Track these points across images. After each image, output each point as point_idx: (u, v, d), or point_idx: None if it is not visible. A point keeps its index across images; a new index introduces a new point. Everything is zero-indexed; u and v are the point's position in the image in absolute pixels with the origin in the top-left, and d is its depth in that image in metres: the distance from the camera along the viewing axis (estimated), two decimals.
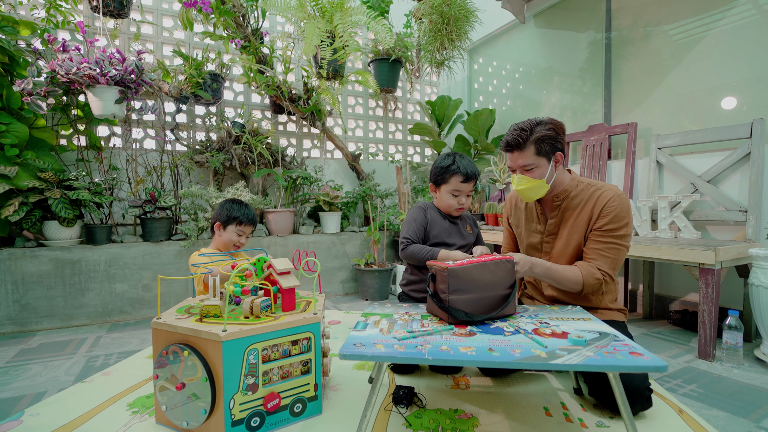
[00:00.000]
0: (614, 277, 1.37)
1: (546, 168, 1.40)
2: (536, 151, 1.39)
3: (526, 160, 1.39)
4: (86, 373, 1.65)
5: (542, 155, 1.39)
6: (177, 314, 1.27)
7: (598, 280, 1.33)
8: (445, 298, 1.18)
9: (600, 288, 1.36)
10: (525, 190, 1.44)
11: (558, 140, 1.40)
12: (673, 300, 2.43)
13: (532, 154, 1.39)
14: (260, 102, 3.42)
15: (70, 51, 2.36)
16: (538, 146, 1.38)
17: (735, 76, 2.19)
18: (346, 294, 3.20)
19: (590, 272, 1.34)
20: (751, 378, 1.57)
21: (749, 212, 1.99)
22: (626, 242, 1.38)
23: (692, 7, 2.37)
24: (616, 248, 1.36)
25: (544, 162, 1.40)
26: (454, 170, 1.54)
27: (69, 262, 2.33)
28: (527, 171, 1.41)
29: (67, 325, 2.33)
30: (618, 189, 1.40)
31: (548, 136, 1.38)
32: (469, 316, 1.16)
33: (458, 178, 1.54)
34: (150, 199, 2.57)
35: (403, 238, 1.58)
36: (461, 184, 1.54)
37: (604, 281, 1.35)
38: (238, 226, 1.78)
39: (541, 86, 3.45)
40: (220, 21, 2.72)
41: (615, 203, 1.36)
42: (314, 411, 1.25)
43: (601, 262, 1.36)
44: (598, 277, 1.34)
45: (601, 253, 1.36)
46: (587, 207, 1.41)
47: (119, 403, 1.36)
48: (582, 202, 1.43)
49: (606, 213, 1.36)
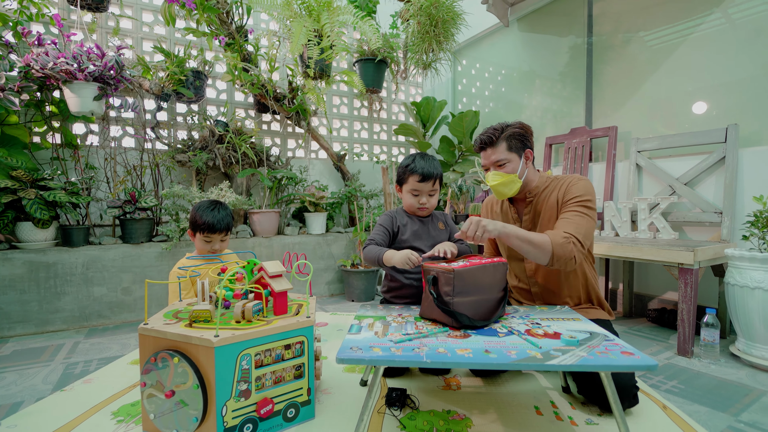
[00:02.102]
0: (583, 243, 1.35)
1: (518, 163, 1.51)
2: (508, 147, 1.50)
3: (499, 155, 1.50)
4: (65, 381, 1.59)
5: (513, 151, 1.51)
6: (165, 319, 1.24)
7: (565, 239, 1.32)
8: (449, 300, 1.18)
9: (571, 252, 1.32)
10: (498, 186, 1.52)
11: (527, 138, 1.53)
12: (652, 298, 2.51)
13: (504, 149, 1.50)
14: (244, 101, 3.36)
15: (46, 45, 2.27)
16: (509, 142, 1.51)
17: (709, 82, 2.28)
18: (331, 295, 3.18)
19: (557, 233, 1.35)
20: (728, 373, 1.64)
21: (724, 214, 2.07)
22: (591, 213, 1.42)
23: (669, 15, 2.46)
24: (579, 215, 1.40)
25: (516, 158, 1.51)
26: (411, 170, 1.55)
27: (44, 264, 2.23)
28: (500, 167, 1.51)
29: (43, 330, 2.23)
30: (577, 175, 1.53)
31: (518, 133, 1.51)
32: (471, 321, 1.17)
33: (415, 178, 1.54)
34: (130, 200, 2.49)
35: (367, 240, 1.58)
36: (419, 184, 1.55)
37: (572, 244, 1.32)
38: (203, 234, 1.67)
39: (523, 89, 3.51)
40: (204, 17, 2.66)
41: (579, 183, 1.47)
42: (307, 416, 1.24)
43: (564, 226, 1.37)
44: (565, 235, 1.33)
45: (567, 219, 1.40)
46: (554, 195, 1.51)
47: (103, 411, 1.31)
48: (549, 193, 1.52)
49: (570, 191, 1.46)
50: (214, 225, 1.66)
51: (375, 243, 1.55)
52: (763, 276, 1.64)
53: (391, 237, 1.59)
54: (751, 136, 2.10)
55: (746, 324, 1.72)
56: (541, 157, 3.27)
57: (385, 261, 1.45)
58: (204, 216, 1.66)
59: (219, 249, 1.73)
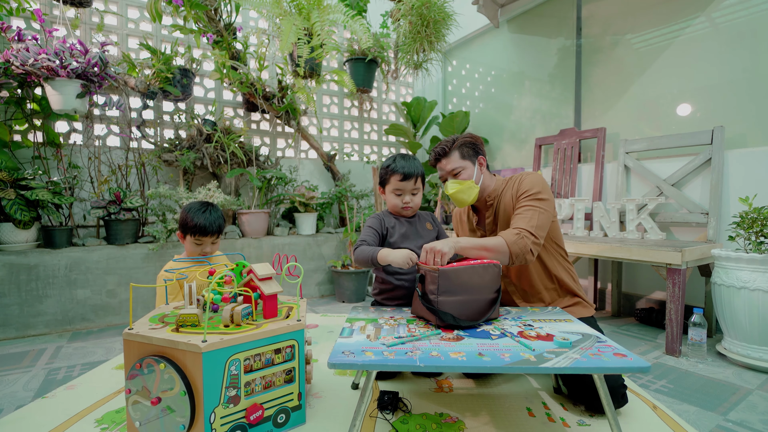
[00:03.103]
0: (536, 234, 1.38)
1: (472, 170, 1.56)
2: (461, 155, 1.57)
3: (453, 164, 1.56)
4: (47, 387, 1.54)
5: (467, 158, 1.57)
6: (151, 324, 1.20)
7: (517, 235, 1.37)
8: (434, 299, 1.18)
9: (527, 246, 1.36)
10: (457, 193, 1.56)
11: (478, 146, 1.59)
12: (639, 298, 2.54)
13: (457, 158, 1.56)
14: (232, 99, 3.31)
15: (27, 41, 2.20)
16: (462, 151, 1.57)
17: (695, 84, 2.31)
18: (321, 296, 3.16)
19: (509, 231, 1.40)
20: (715, 372, 1.66)
21: (710, 214, 2.10)
22: (543, 205, 1.43)
23: (656, 18, 2.49)
24: (530, 208, 1.43)
25: (470, 164, 1.57)
26: (393, 169, 1.54)
27: (25, 267, 2.16)
28: (456, 175, 1.56)
29: (23, 335, 2.16)
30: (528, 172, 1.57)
31: (468, 142, 1.58)
32: (456, 321, 1.17)
33: (397, 177, 1.54)
34: (115, 200, 2.43)
35: (359, 241, 1.56)
36: (400, 183, 1.54)
37: (525, 238, 1.36)
38: (193, 237, 1.63)
39: (513, 90, 3.52)
40: (191, 14, 2.61)
41: (528, 178, 1.50)
42: (298, 421, 1.22)
43: (516, 222, 1.43)
44: (517, 231, 1.38)
45: (517, 216, 1.45)
46: (508, 193, 1.54)
47: (86, 419, 1.27)
48: (506, 194, 1.56)
49: (521, 187, 1.50)
50: (206, 227, 1.61)
51: (366, 244, 1.53)
52: (749, 276, 1.67)
53: (381, 239, 1.58)
54: (736, 138, 2.14)
55: (733, 323, 1.74)
56: (530, 158, 3.29)
57: (380, 259, 1.41)
58: (195, 218, 1.61)
59: (210, 252, 1.69)
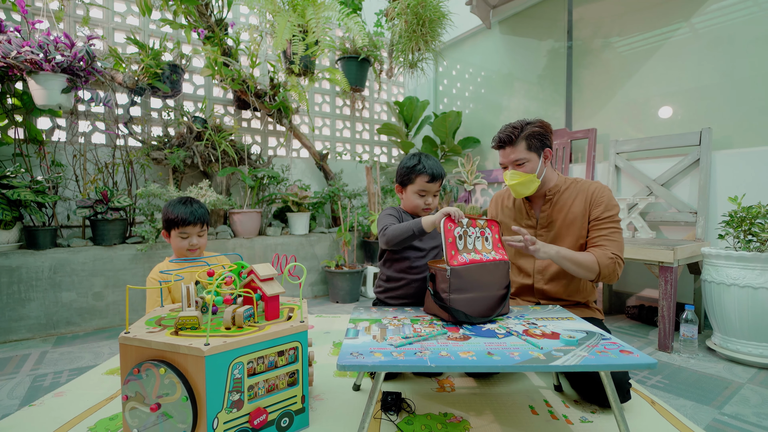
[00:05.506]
0: (623, 261, 1.42)
1: (536, 163, 1.49)
2: (527, 146, 1.48)
3: (518, 155, 1.48)
4: (34, 394, 1.48)
5: (533, 150, 1.48)
6: (147, 327, 1.16)
7: (611, 260, 1.38)
8: (446, 297, 1.19)
9: (615, 271, 1.39)
10: (517, 185, 1.51)
11: (546, 137, 1.50)
12: (630, 296, 2.59)
13: (523, 149, 1.48)
14: (223, 97, 3.25)
15: (8, 32, 2.11)
16: (529, 142, 1.48)
17: (683, 87, 2.36)
18: (315, 297, 3.12)
19: (603, 254, 1.40)
20: (707, 367, 1.70)
21: (699, 214, 2.15)
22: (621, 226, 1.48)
23: (644, 23, 2.54)
24: (617, 232, 1.44)
25: (535, 157, 1.49)
26: (419, 170, 1.52)
27: (6, 269, 2.08)
28: (519, 166, 1.49)
29: (5, 340, 2.08)
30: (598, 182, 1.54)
31: (538, 132, 1.48)
32: (468, 318, 1.17)
33: (424, 178, 1.52)
34: (102, 199, 2.36)
35: (382, 227, 1.50)
36: (427, 184, 1.52)
37: (617, 264, 1.40)
38: (178, 229, 1.59)
39: (504, 90, 3.55)
40: (181, 8, 2.55)
41: (607, 192, 1.48)
42: (302, 424, 1.19)
43: (609, 246, 1.42)
44: (611, 257, 1.39)
45: (608, 238, 1.43)
46: (578, 200, 1.50)
47: (78, 427, 1.22)
48: (572, 196, 1.52)
49: (598, 202, 1.46)
50: (187, 217, 1.59)
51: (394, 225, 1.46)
52: (739, 273, 1.71)
53: None
54: (723, 140, 2.19)
55: (722, 319, 1.79)
56: None
57: (425, 226, 1.35)
58: (176, 210, 1.59)
59: (197, 245, 1.64)
